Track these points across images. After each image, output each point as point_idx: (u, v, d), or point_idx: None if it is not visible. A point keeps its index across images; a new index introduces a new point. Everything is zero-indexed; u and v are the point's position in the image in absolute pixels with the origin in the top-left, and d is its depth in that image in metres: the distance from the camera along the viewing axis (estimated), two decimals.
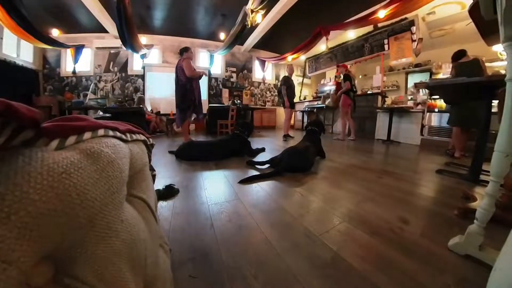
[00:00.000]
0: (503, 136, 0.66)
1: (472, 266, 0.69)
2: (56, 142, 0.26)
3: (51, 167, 0.23)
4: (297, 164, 1.78)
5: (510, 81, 0.64)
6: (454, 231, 0.84)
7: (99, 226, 0.28)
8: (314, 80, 8.32)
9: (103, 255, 0.27)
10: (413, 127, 4.02)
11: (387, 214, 1.04)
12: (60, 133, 0.27)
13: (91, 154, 0.28)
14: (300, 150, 1.91)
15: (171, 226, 0.89)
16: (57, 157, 0.24)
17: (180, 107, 3.20)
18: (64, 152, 0.26)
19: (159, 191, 1.18)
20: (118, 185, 0.32)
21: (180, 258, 0.68)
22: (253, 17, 4.04)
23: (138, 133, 0.48)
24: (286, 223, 0.93)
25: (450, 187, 1.51)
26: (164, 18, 5.24)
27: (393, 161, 2.42)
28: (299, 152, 1.88)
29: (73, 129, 0.29)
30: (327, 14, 4.65)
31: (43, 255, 0.23)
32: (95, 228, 0.27)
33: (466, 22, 3.65)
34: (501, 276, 0.35)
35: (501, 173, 0.68)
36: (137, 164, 0.43)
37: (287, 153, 1.87)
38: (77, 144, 0.28)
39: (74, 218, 0.24)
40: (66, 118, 0.33)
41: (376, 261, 0.69)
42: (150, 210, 0.45)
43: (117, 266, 0.29)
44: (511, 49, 0.64)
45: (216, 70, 7.08)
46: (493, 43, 1.02)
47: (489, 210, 0.70)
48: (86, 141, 0.30)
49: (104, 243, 0.28)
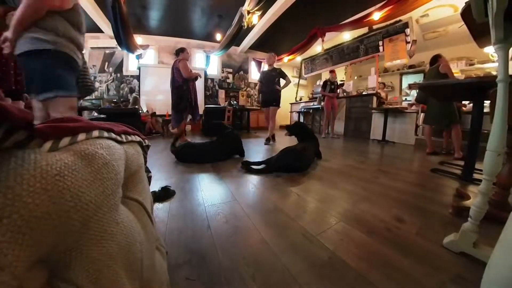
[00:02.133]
0: (495, 136, 0.67)
1: (467, 263, 0.70)
2: (50, 144, 0.25)
3: (44, 169, 0.22)
4: (293, 164, 1.78)
5: (501, 82, 0.66)
6: (448, 229, 0.85)
7: (94, 229, 0.27)
8: (310, 81, 8.37)
9: (98, 259, 0.27)
10: (408, 127, 4.07)
11: (383, 214, 1.05)
12: (53, 134, 0.26)
13: (85, 156, 0.28)
14: (296, 150, 1.92)
15: (168, 228, 0.88)
16: (50, 159, 0.24)
17: (176, 109, 3.18)
18: (57, 153, 0.25)
19: (155, 193, 1.17)
20: (113, 187, 0.31)
21: (177, 261, 0.68)
22: (250, 18, 4.06)
23: (133, 134, 0.47)
24: (283, 224, 0.93)
25: (444, 185, 1.54)
26: (160, 18, 5.22)
27: (389, 161, 2.45)
28: (295, 152, 1.88)
29: (67, 130, 0.28)
30: (323, 16, 4.70)
31: (37, 259, 0.22)
32: (90, 231, 0.27)
33: (458, 24, 3.73)
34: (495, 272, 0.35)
35: (494, 172, 0.69)
36: (132, 166, 0.42)
37: (283, 152, 1.87)
38: (71, 145, 0.28)
39: (68, 221, 0.24)
40: (59, 119, 0.32)
41: (373, 260, 0.70)
42: (146, 212, 0.44)
43: (112, 269, 0.28)
44: (502, 51, 0.65)
45: (212, 71, 7.07)
46: (485, 45, 1.04)
47: (482, 208, 0.71)
48: (80, 142, 0.29)
49: (99, 246, 0.28)
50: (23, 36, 1.06)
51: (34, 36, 1.06)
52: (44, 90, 1.10)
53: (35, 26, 1.06)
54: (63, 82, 1.14)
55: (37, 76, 1.10)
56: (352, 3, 4.29)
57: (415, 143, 3.90)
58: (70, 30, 1.18)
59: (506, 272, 0.33)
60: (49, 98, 1.11)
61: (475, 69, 4.08)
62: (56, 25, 1.10)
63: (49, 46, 1.08)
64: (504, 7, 0.54)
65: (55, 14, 1.10)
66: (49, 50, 1.09)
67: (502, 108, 0.66)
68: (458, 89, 1.74)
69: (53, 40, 1.09)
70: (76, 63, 1.23)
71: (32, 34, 1.06)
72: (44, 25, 1.07)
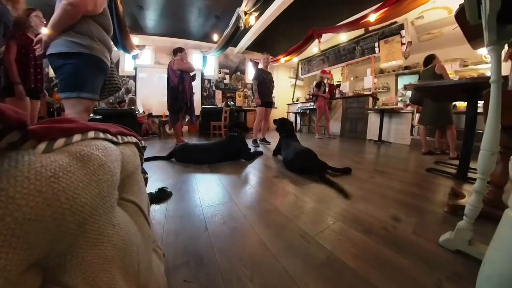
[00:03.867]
0: (489, 135, 0.68)
1: (463, 260, 0.71)
2: (44, 145, 0.25)
3: (38, 170, 0.22)
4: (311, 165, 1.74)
5: (494, 82, 0.67)
6: (444, 228, 0.87)
7: (90, 232, 0.27)
8: (307, 82, 8.41)
9: (94, 262, 0.27)
10: (403, 128, 4.12)
11: (379, 213, 1.05)
12: (48, 136, 0.26)
13: (80, 157, 0.28)
14: (309, 150, 1.90)
15: (164, 230, 0.87)
16: (45, 160, 0.23)
17: (171, 109, 3.16)
18: (52, 155, 0.25)
19: (152, 195, 1.16)
20: (109, 189, 0.31)
21: (174, 263, 0.67)
22: (247, 19, 4.06)
23: (129, 135, 0.47)
24: (281, 224, 0.93)
25: (439, 185, 1.56)
26: (156, 18, 5.19)
27: (385, 161, 2.47)
28: (309, 152, 1.86)
29: (61, 131, 0.28)
30: (319, 17, 4.73)
31: (31, 263, 0.22)
32: (85, 234, 0.26)
33: (452, 26, 3.78)
34: (490, 269, 0.36)
35: (488, 171, 0.70)
36: (128, 167, 0.42)
37: (297, 153, 1.85)
38: (66, 146, 0.28)
39: (63, 223, 0.23)
40: (54, 120, 0.32)
41: (370, 259, 0.70)
42: (142, 214, 0.44)
43: (109, 272, 0.28)
44: (495, 52, 0.66)
45: (209, 71, 7.06)
46: (478, 46, 1.06)
47: (477, 206, 0.72)
48: (75, 143, 0.29)
49: (95, 249, 0.27)
50: (59, 38, 1.11)
51: (70, 40, 1.11)
52: (68, 89, 1.15)
53: (71, 30, 1.11)
54: (87, 85, 1.19)
55: (64, 75, 1.14)
56: (348, 5, 4.33)
57: (410, 143, 3.94)
58: (102, 33, 1.23)
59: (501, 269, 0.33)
60: (69, 97, 1.15)
61: (469, 70, 4.14)
62: (91, 29, 1.16)
63: (84, 50, 1.14)
64: (496, 10, 0.55)
65: (88, 18, 1.15)
66: (84, 54, 1.14)
67: (495, 108, 0.67)
68: (453, 89, 1.77)
69: (89, 44, 1.15)
70: (106, 65, 1.29)
71: (68, 38, 1.11)
72: (79, 29, 1.12)
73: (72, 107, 1.18)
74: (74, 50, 1.11)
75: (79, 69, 1.14)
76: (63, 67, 1.13)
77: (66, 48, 1.10)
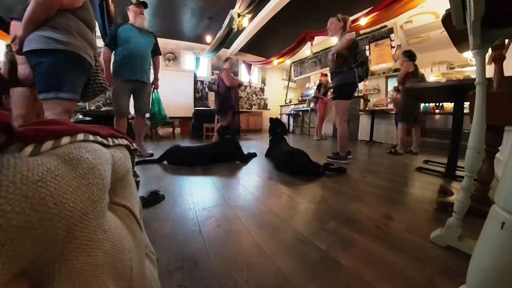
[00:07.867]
0: (475, 135, 0.71)
1: (453, 256, 0.73)
2: (31, 148, 0.24)
3: (25, 174, 0.21)
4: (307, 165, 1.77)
5: (479, 84, 0.70)
6: (435, 224, 0.89)
7: (80, 238, 0.26)
8: (299, 84, 8.50)
9: (84, 269, 0.26)
10: (394, 128, 4.21)
11: (372, 212, 1.07)
12: (35, 138, 0.25)
13: (69, 160, 0.27)
14: (302, 151, 1.92)
15: (157, 234, 0.85)
16: (31, 163, 0.22)
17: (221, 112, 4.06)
18: (39, 158, 0.24)
19: (144, 198, 1.13)
20: (100, 193, 0.30)
21: (168, 267, 0.66)
22: (240, 20, 4.07)
23: (120, 137, 0.46)
24: (275, 226, 0.93)
25: (429, 183, 1.60)
26: (149, 18, 5.09)
27: (376, 161, 2.52)
28: (302, 153, 1.88)
29: (49, 133, 0.27)
30: (312, 20, 4.79)
31: (17, 272, 0.21)
32: (75, 240, 0.25)
33: (439, 30, 3.91)
34: (479, 263, 0.37)
35: (474, 169, 0.73)
36: (119, 170, 0.41)
37: (293, 154, 1.86)
38: (54, 149, 0.26)
39: (51, 230, 0.22)
40: (42, 122, 0.31)
41: (364, 258, 0.71)
42: (134, 218, 0.43)
43: (100, 279, 0.27)
44: (479, 55, 0.69)
45: (202, 73, 7.01)
46: (464, 50, 1.10)
47: (465, 203, 0.75)
48: (64, 146, 0.28)
49: (86, 255, 0.26)
50: (33, 34, 1.03)
51: (45, 35, 1.03)
52: (45, 90, 1.08)
53: (46, 25, 1.03)
54: (66, 84, 1.11)
55: (41, 75, 1.07)
56: (340, 9, 4.40)
57: None
58: (83, 28, 1.16)
59: (489, 263, 0.34)
60: (47, 98, 1.09)
61: (456, 72, 4.29)
62: (69, 23, 1.08)
63: (61, 47, 1.06)
64: (481, 16, 0.57)
65: (66, 12, 1.07)
66: (60, 50, 1.06)
67: (481, 108, 0.69)
68: (441, 91, 1.83)
69: (66, 40, 1.07)
70: (88, 63, 1.21)
71: (43, 33, 1.03)
72: (55, 24, 1.05)
73: (50, 108, 1.10)
74: (49, 47, 1.03)
75: (56, 67, 1.06)
76: (39, 65, 1.06)
77: (41, 45, 1.02)
